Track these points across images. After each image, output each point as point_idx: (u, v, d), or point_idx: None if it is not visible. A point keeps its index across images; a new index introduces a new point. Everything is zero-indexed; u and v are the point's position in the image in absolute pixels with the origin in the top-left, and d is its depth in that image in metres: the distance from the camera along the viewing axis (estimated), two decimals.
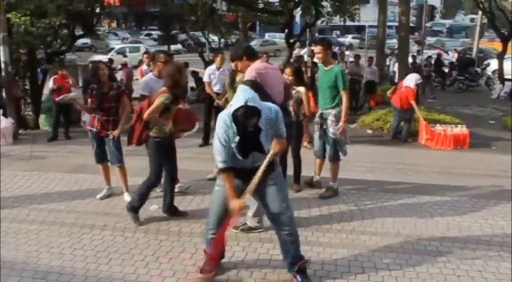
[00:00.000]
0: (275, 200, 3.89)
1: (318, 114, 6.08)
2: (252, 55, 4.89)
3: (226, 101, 6.45)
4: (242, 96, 3.52)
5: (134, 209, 5.21)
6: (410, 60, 18.32)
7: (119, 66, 18.89)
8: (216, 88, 8.95)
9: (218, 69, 9.02)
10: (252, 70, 4.74)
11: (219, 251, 4.15)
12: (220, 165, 3.78)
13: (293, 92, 5.96)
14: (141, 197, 5.21)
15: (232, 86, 6.25)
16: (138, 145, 5.30)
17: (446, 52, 28.11)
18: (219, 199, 3.98)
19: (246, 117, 3.49)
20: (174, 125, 5.12)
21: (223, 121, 3.69)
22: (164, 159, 5.22)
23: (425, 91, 16.85)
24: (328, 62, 5.91)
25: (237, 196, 3.80)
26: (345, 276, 4.17)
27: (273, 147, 3.74)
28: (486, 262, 4.45)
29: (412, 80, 10.27)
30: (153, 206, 5.52)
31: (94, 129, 5.78)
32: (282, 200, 3.90)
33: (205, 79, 9.15)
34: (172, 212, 5.38)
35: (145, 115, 4.95)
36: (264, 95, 4.39)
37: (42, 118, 12.02)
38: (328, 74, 5.85)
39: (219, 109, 8.94)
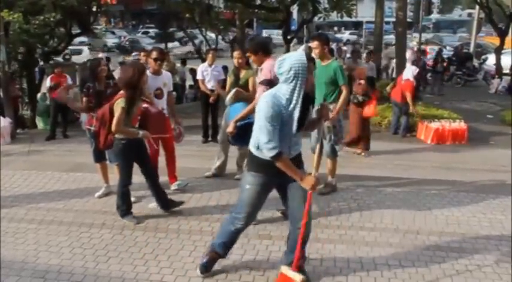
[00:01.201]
0: (299, 196, 3.79)
1: (315, 110, 6.04)
2: (267, 50, 4.91)
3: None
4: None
5: (125, 212, 5.17)
6: (408, 55, 18.24)
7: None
8: (209, 85, 9.02)
9: (210, 66, 9.06)
10: (272, 68, 4.75)
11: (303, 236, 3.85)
12: (274, 152, 3.49)
13: None
14: (123, 199, 5.17)
15: (237, 83, 6.24)
16: (105, 149, 5.28)
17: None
18: (250, 197, 3.83)
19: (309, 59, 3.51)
20: (145, 129, 5.06)
21: (275, 99, 3.49)
22: (134, 159, 5.14)
23: (435, 87, 17.06)
24: (325, 58, 5.89)
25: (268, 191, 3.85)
26: (344, 272, 4.16)
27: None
28: (485, 256, 4.45)
29: (409, 72, 10.27)
30: (152, 204, 5.50)
31: (93, 128, 5.76)
32: (306, 198, 3.80)
33: (198, 76, 9.21)
34: (169, 205, 5.34)
35: (113, 128, 4.86)
36: None
37: (38, 119, 12.01)
38: (325, 70, 5.82)
39: (215, 106, 9.03)
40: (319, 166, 6.29)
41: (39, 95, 12.57)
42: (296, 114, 3.52)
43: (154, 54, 5.89)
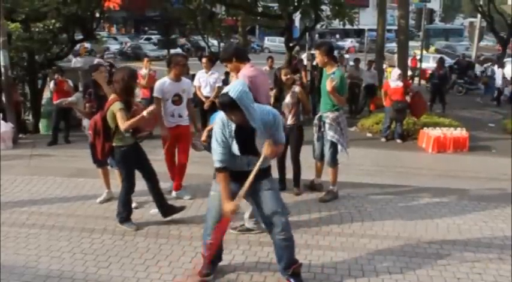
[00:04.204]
0: (270, 205, 3.86)
1: (317, 117, 6.09)
2: (241, 57, 4.91)
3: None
4: (230, 86, 3.60)
5: (125, 219, 5.16)
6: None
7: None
8: (205, 91, 9.04)
9: (207, 72, 9.07)
10: (243, 77, 4.74)
11: (214, 253, 4.09)
12: (217, 164, 3.79)
13: (289, 93, 5.99)
14: (125, 206, 5.17)
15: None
16: (104, 159, 5.28)
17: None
18: (216, 204, 3.98)
19: (223, 106, 3.55)
20: (136, 128, 5.04)
21: (220, 119, 3.73)
22: (135, 165, 5.15)
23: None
24: (328, 66, 5.90)
25: (232, 199, 3.81)
26: (345, 279, 4.16)
27: (265, 149, 3.66)
28: (486, 265, 4.44)
29: (393, 75, 10.96)
30: (153, 210, 5.50)
31: None
32: (277, 204, 3.88)
33: (195, 83, 9.23)
34: (170, 211, 5.33)
35: (122, 128, 4.85)
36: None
37: (42, 122, 12.02)
38: (328, 78, 5.83)
39: (212, 112, 9.05)
40: (322, 172, 6.35)
41: (44, 99, 12.61)
42: (233, 133, 3.69)
43: (181, 60, 5.94)
